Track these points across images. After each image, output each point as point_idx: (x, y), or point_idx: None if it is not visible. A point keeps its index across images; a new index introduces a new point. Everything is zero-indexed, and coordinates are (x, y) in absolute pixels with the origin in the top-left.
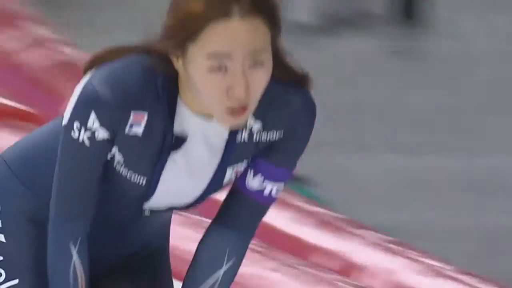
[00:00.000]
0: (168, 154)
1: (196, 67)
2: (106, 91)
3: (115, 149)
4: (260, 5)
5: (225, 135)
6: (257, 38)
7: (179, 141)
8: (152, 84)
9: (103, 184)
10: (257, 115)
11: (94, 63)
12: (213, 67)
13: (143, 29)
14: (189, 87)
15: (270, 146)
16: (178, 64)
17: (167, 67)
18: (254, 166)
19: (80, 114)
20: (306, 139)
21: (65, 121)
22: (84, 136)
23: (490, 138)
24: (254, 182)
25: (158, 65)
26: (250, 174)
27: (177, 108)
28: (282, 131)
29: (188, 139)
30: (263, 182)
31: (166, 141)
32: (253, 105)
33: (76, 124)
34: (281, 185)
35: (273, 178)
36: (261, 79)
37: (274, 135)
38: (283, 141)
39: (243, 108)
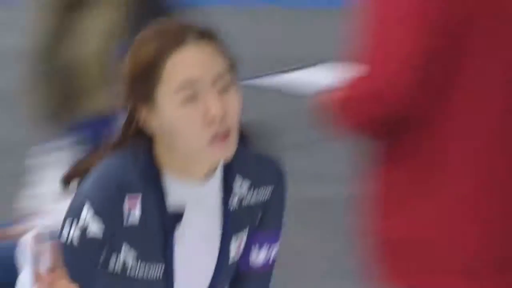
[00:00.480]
0: (172, 232)
1: (168, 106)
2: (92, 185)
3: (124, 246)
4: (209, 33)
5: (218, 198)
6: (216, 62)
7: (177, 217)
8: (135, 168)
9: None
10: (244, 174)
11: (71, 177)
12: (184, 98)
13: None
14: (167, 147)
15: (264, 209)
16: (150, 121)
17: (140, 145)
18: (256, 241)
19: (73, 211)
20: (286, 193)
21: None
22: (75, 235)
23: None
24: (260, 255)
25: (133, 147)
26: (254, 251)
27: (165, 182)
28: (272, 187)
29: (186, 210)
30: (268, 250)
31: (165, 221)
32: (234, 130)
33: (68, 220)
34: (277, 244)
35: (274, 241)
36: (233, 102)
37: (265, 192)
38: (273, 198)
39: (225, 134)
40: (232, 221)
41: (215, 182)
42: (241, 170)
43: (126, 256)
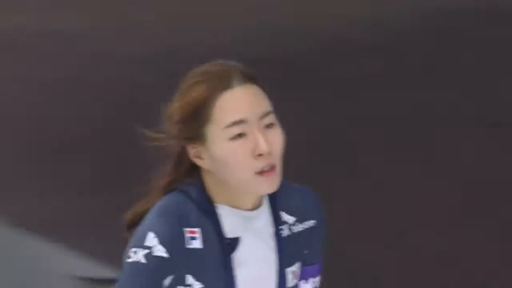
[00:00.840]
0: (231, 258)
1: (218, 143)
2: (157, 217)
3: (189, 280)
4: (251, 75)
5: (269, 226)
6: (261, 101)
7: (234, 244)
8: (191, 204)
9: None
10: (289, 211)
11: (132, 222)
12: (233, 135)
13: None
14: (217, 180)
15: (309, 243)
16: (200, 157)
17: (191, 183)
18: (303, 275)
19: (136, 241)
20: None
21: (123, 263)
22: (140, 255)
23: None
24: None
25: (185, 184)
26: (302, 284)
27: (218, 212)
28: (314, 222)
29: (242, 237)
30: (314, 281)
31: (224, 248)
32: (278, 164)
33: (132, 250)
34: (319, 276)
35: (318, 274)
36: (277, 138)
37: (309, 224)
38: (315, 233)
39: (271, 169)
40: (285, 247)
41: (264, 211)
42: (285, 206)
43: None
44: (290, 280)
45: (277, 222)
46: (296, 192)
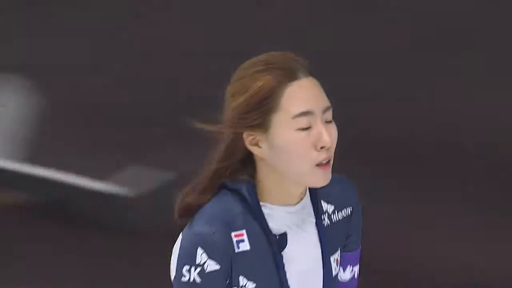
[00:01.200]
0: (281, 255)
1: (283, 132)
2: (202, 227)
3: (243, 281)
4: (311, 68)
5: (311, 218)
6: (324, 95)
7: (282, 240)
8: (237, 205)
9: None
10: (327, 199)
11: (185, 210)
12: (300, 126)
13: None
14: (270, 171)
15: (347, 231)
16: (257, 146)
17: (243, 178)
18: (342, 262)
19: (187, 258)
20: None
21: (173, 276)
22: (194, 274)
23: None
24: (346, 275)
25: (234, 182)
26: (340, 271)
27: (265, 208)
28: (351, 208)
29: (288, 233)
30: (352, 269)
31: (272, 245)
32: (332, 159)
33: (185, 268)
34: (358, 263)
35: (356, 261)
36: (335, 134)
37: (347, 213)
38: (353, 220)
39: (328, 162)
40: (327, 236)
41: (306, 203)
42: (324, 195)
43: None
44: (334, 268)
45: (318, 212)
46: (333, 180)
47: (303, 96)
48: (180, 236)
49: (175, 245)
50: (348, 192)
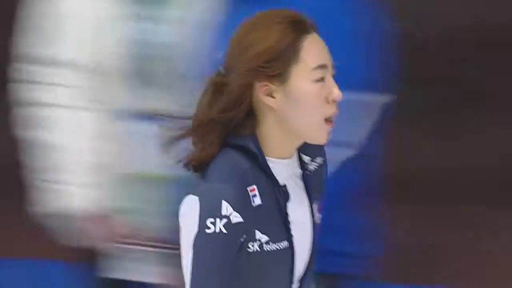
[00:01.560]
0: (286, 207)
1: (301, 83)
2: (223, 182)
3: (258, 235)
4: (314, 24)
5: (299, 170)
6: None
7: (286, 193)
8: (248, 160)
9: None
10: (303, 152)
11: (196, 163)
12: (317, 77)
13: None
14: (276, 125)
15: (320, 181)
16: (271, 96)
17: (245, 132)
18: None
19: (211, 211)
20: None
21: (195, 229)
22: (220, 225)
23: None
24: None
25: (240, 137)
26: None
27: (270, 163)
28: (321, 159)
29: (287, 185)
30: (319, 217)
31: (279, 196)
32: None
33: (209, 221)
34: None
35: (321, 209)
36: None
37: (319, 161)
38: (323, 168)
39: (333, 118)
40: (310, 185)
41: (294, 157)
42: (300, 148)
43: (260, 242)
44: (318, 217)
45: (302, 164)
46: None
47: (319, 50)
48: (187, 200)
49: (181, 211)
50: (316, 145)
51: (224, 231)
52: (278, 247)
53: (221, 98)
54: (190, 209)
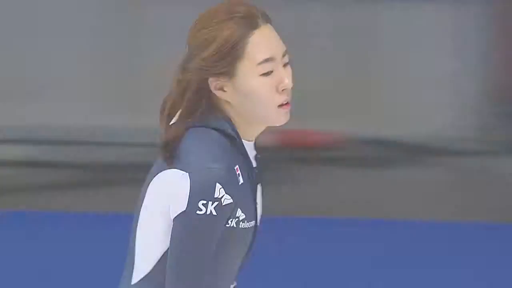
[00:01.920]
0: (256, 188)
1: (248, 78)
2: (216, 162)
3: (238, 212)
4: (267, 16)
5: (254, 151)
6: (281, 40)
7: (258, 173)
8: (230, 142)
9: (228, 257)
10: None
11: (169, 146)
12: (264, 72)
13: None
14: (237, 113)
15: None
16: (222, 90)
17: (217, 116)
18: None
19: (204, 193)
20: None
21: (181, 207)
22: (211, 207)
23: None
24: None
25: (217, 119)
26: None
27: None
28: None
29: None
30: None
31: (251, 177)
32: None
33: (201, 203)
34: None
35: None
36: (291, 76)
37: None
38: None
39: (288, 103)
40: (260, 166)
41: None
42: None
43: (238, 219)
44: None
45: (255, 146)
46: None
47: (265, 43)
48: (167, 175)
49: (160, 183)
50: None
51: (214, 213)
52: (248, 225)
53: (185, 94)
54: (177, 183)
